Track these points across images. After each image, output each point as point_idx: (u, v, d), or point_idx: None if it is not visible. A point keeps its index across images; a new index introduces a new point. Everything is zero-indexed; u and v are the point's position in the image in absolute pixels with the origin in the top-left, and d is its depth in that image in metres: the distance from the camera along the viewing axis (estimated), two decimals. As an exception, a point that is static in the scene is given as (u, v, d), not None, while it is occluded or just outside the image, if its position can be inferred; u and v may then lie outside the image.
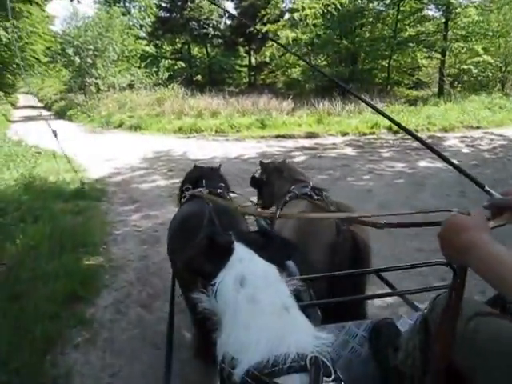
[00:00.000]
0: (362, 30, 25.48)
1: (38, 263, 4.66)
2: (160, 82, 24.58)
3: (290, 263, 1.81)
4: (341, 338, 1.82)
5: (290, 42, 22.51)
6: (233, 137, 13.61)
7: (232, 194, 3.44)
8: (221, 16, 31.32)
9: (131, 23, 30.70)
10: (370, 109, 15.44)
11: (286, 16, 28.03)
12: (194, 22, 31.16)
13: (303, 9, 22.17)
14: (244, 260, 1.19)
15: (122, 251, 5.21)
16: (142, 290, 4.28)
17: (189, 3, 29.72)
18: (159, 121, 16.76)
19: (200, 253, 1.26)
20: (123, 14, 27.38)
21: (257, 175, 3.86)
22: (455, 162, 1.51)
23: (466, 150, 10.63)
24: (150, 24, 32.74)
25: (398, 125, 1.59)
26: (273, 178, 3.57)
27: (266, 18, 28.31)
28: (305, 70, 25.70)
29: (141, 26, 33.23)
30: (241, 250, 1.22)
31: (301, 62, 26.01)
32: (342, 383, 0.99)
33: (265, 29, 24.20)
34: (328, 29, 24.41)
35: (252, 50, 33.11)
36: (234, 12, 32.87)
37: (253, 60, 33.69)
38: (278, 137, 13.03)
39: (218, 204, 2.57)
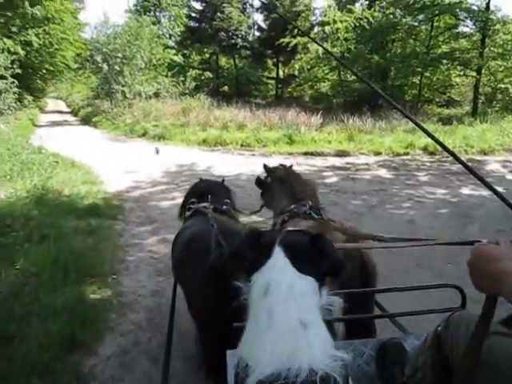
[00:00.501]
0: (393, 45, 24.78)
1: (36, 294, 4.06)
2: (186, 91, 24.25)
3: None
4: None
5: (321, 55, 21.91)
6: (259, 151, 12.97)
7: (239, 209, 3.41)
8: (250, 27, 31.00)
9: (161, 32, 30.53)
10: (402, 127, 14.68)
11: (316, 29, 27.55)
12: (222, 33, 30.93)
13: (335, 22, 21.59)
14: (275, 268, 1.12)
15: (134, 283, 4.56)
16: (152, 337, 3.61)
17: (218, 14, 29.45)
18: (183, 131, 16.26)
19: (243, 246, 1.23)
20: (153, 23, 27.20)
21: (262, 177, 3.80)
22: (501, 190, 1.49)
23: (510, 177, 9.74)
24: (179, 34, 32.60)
25: (445, 148, 1.48)
26: (274, 186, 3.55)
27: (296, 31, 27.81)
28: (334, 85, 25.10)
29: (170, 35, 33.10)
30: (277, 255, 1.14)
31: (330, 76, 25.40)
32: None
33: (294, 42, 23.65)
34: (359, 43, 23.76)
35: (280, 62, 32.67)
36: (263, 25, 32.75)
37: (280, 73, 33.23)
38: (306, 154, 12.32)
39: (224, 224, 2.57)
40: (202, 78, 30.71)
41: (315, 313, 1.09)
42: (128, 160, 11.43)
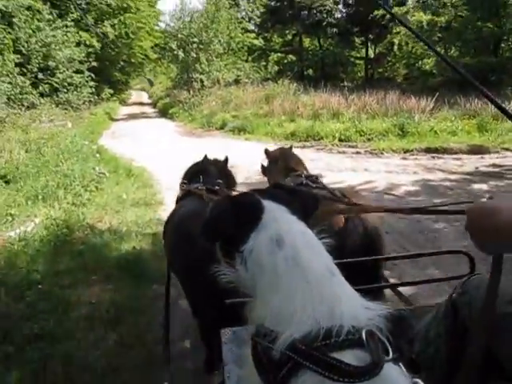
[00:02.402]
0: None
1: None
2: (269, 76, 21.54)
3: None
4: None
5: (425, 26, 18.21)
6: (364, 147, 9.98)
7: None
8: (336, 2, 27.49)
9: (239, 16, 28.01)
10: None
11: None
12: (305, 11, 27.82)
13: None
14: (278, 219, 0.99)
15: None
16: None
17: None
18: (267, 122, 13.60)
19: (223, 215, 1.02)
20: (230, 7, 24.69)
21: (265, 163, 3.69)
22: None
23: None
24: (258, 15, 29.88)
25: None
26: (271, 168, 3.49)
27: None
28: (438, 61, 21.14)
29: (249, 18, 30.48)
30: (273, 208, 1.01)
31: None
32: (400, 364, 0.82)
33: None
34: (468, 10, 19.59)
35: (369, 40, 28.95)
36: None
37: (370, 52, 29.48)
38: (429, 151, 9.14)
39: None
40: (285, 61, 27.77)
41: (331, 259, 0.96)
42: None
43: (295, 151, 3.80)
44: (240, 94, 18.82)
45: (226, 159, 3.40)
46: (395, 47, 24.27)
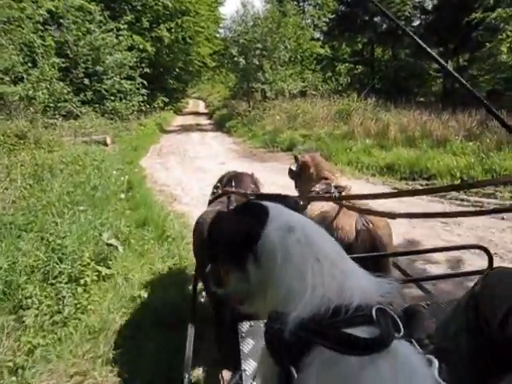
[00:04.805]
0: None
1: None
2: (340, 88, 18.29)
3: None
4: None
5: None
6: (509, 200, 6.53)
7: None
8: (415, 7, 23.84)
9: (305, 22, 24.96)
10: None
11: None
12: (378, 18, 24.37)
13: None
14: (283, 212, 1.02)
15: None
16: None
17: (377, -7, 22.86)
18: (349, 147, 10.35)
19: (236, 220, 1.03)
20: (294, 15, 21.67)
21: (293, 167, 3.61)
22: None
23: None
24: (325, 23, 26.68)
25: None
26: (301, 173, 3.46)
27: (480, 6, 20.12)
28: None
29: (315, 25, 27.33)
30: (274, 205, 1.04)
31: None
32: (412, 341, 0.85)
33: (493, 15, 16.27)
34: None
35: (450, 50, 25.07)
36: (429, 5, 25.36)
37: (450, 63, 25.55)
38: None
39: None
40: (355, 72, 24.31)
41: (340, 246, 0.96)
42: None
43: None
44: (308, 107, 15.68)
45: (252, 174, 3.42)
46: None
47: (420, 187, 7.50)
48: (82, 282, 3.49)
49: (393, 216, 2.01)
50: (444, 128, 10.29)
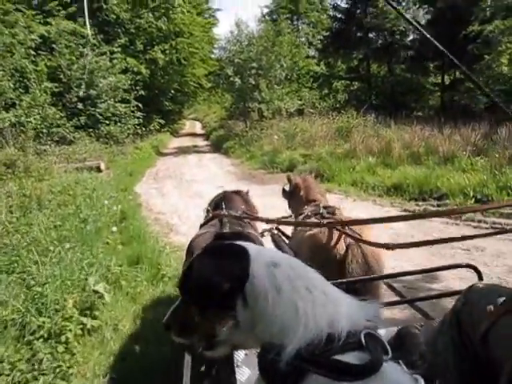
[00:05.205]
0: None
1: None
2: (338, 105, 17.98)
3: None
4: None
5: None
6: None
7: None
8: (410, 23, 23.73)
9: (299, 40, 24.83)
10: None
11: None
12: (374, 33, 24.29)
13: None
14: (261, 250, 1.02)
15: None
16: None
17: (370, 9, 22.81)
18: (352, 167, 9.93)
19: (216, 266, 0.96)
20: (289, 33, 21.53)
21: (286, 188, 3.69)
22: None
23: None
24: (320, 40, 26.58)
25: None
26: (293, 195, 3.51)
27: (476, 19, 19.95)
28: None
29: (310, 43, 27.25)
30: (248, 244, 1.02)
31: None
32: (400, 362, 0.86)
33: (489, 28, 16.04)
34: None
35: (445, 65, 24.89)
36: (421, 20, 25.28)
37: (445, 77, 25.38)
38: None
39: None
40: (351, 88, 24.06)
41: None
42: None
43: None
44: (306, 126, 15.32)
45: (247, 191, 3.52)
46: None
47: (431, 208, 7.06)
48: (63, 338, 3.00)
49: (387, 247, 1.98)
50: (449, 143, 9.86)
